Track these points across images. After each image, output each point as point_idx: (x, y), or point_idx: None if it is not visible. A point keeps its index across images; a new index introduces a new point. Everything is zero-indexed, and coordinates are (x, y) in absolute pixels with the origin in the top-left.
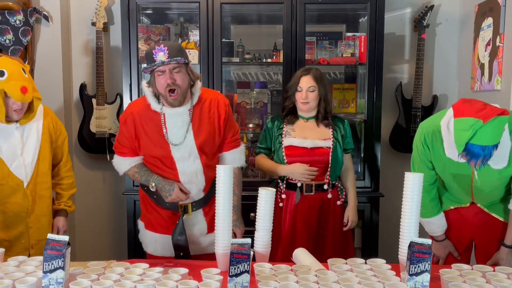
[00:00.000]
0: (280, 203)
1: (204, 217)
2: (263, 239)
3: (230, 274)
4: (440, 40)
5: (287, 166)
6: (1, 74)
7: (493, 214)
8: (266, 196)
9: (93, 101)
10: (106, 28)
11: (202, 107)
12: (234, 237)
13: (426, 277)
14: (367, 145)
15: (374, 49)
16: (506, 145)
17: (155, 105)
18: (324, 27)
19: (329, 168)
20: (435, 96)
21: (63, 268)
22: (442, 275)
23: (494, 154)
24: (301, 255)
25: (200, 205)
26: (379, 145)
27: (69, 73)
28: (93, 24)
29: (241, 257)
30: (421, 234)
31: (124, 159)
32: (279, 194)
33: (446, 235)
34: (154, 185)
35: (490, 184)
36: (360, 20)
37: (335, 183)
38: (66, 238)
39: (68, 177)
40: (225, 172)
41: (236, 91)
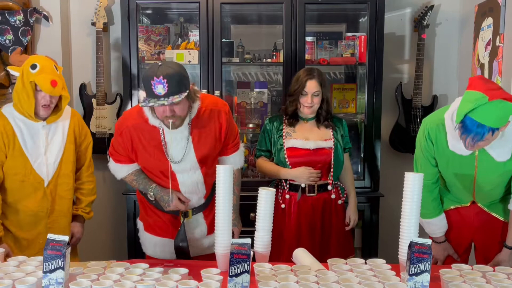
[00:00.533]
0: (282, 204)
1: (205, 219)
2: (263, 239)
3: (230, 274)
4: (440, 40)
5: (291, 170)
6: (34, 67)
7: (493, 214)
8: (266, 196)
9: (93, 101)
10: (106, 28)
11: (202, 119)
12: (232, 236)
13: (426, 277)
14: (367, 145)
15: (374, 49)
16: (511, 137)
17: (153, 120)
18: (324, 27)
19: (331, 168)
20: (435, 96)
21: (63, 268)
22: (442, 275)
23: (498, 145)
24: (301, 255)
25: (200, 209)
26: (379, 145)
27: (69, 73)
28: (93, 24)
29: (241, 257)
30: (421, 234)
31: (121, 166)
32: (283, 195)
33: (445, 236)
34: (152, 195)
35: (491, 181)
36: (360, 20)
37: (336, 183)
38: (66, 238)
39: (90, 182)
40: (225, 172)
41: (236, 91)
